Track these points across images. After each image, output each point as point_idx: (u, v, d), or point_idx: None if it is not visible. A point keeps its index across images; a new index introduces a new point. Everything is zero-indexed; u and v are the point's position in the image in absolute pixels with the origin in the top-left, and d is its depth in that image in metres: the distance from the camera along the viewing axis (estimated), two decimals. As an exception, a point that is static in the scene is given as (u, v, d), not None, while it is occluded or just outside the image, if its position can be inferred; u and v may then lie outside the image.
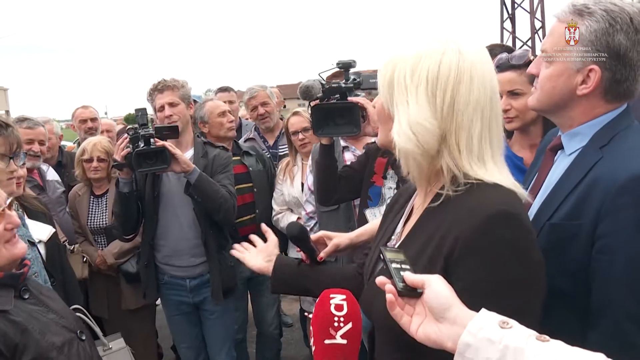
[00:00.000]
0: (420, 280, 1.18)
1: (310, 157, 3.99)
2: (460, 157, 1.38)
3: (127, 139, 3.45)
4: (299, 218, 4.18)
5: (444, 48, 1.39)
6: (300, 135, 4.18)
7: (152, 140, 3.37)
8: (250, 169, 4.39)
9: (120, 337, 3.44)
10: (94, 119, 5.72)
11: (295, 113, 4.27)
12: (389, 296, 1.19)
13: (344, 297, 1.35)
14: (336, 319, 1.30)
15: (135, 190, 3.65)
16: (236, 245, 2.18)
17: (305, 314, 1.64)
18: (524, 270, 1.28)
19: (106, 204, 4.25)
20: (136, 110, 3.58)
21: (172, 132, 3.52)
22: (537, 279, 1.31)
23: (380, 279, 1.25)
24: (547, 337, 1.05)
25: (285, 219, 4.25)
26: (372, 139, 3.71)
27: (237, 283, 4.00)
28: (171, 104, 3.70)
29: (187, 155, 3.63)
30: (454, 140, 1.38)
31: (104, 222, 4.25)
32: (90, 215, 4.26)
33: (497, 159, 1.43)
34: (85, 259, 4.16)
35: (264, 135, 5.15)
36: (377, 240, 1.73)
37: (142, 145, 3.37)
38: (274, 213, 4.33)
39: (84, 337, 2.06)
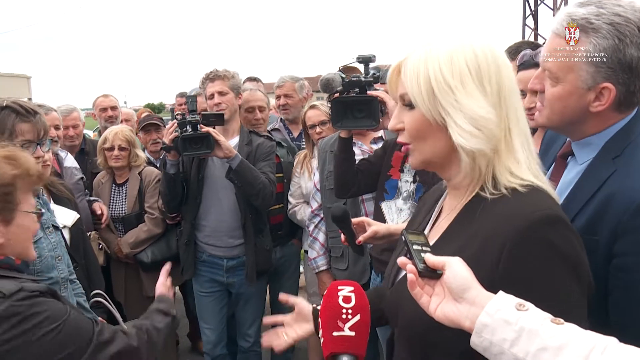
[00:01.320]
0: (440, 262, 1.20)
1: (317, 155, 4.01)
2: (507, 148, 1.36)
3: (176, 124, 3.65)
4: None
5: (469, 40, 1.35)
6: (318, 129, 4.18)
7: (198, 126, 3.59)
8: (282, 160, 4.46)
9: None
10: (114, 108, 5.81)
11: (313, 106, 4.26)
12: (410, 276, 1.21)
13: (351, 288, 1.34)
14: (344, 310, 1.30)
15: (181, 172, 3.86)
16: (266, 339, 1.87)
17: (314, 305, 1.66)
18: (575, 275, 1.26)
19: (126, 193, 4.35)
20: (187, 97, 3.83)
21: (218, 119, 3.73)
22: (586, 282, 1.29)
23: (402, 260, 1.27)
24: (562, 320, 1.07)
25: (302, 212, 4.28)
26: (379, 134, 3.75)
27: (271, 266, 4.16)
28: (221, 93, 3.90)
29: (232, 142, 3.84)
30: (502, 133, 1.35)
31: (123, 211, 4.34)
32: (111, 203, 4.36)
33: (530, 146, 1.40)
34: (101, 245, 4.23)
35: (289, 126, 5.18)
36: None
37: (189, 130, 3.57)
38: (289, 206, 4.36)
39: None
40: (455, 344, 1.23)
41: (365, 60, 3.04)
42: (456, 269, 1.19)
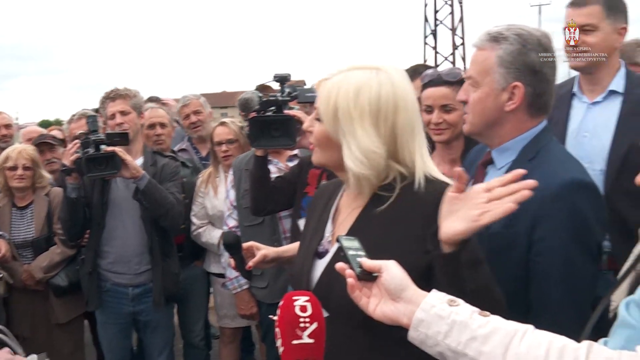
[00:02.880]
0: (377, 265, 1.34)
1: (231, 171, 3.96)
2: (412, 160, 1.65)
3: (78, 144, 3.48)
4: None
5: (379, 79, 1.59)
6: (224, 147, 4.13)
7: (101, 146, 3.41)
8: (185, 180, 4.34)
9: (45, 357, 3.36)
10: (8, 126, 5.43)
11: (222, 123, 4.21)
12: (349, 280, 1.34)
13: (307, 298, 1.41)
14: (302, 319, 1.37)
15: (83, 197, 3.65)
16: None
17: (270, 316, 1.70)
18: None
19: (32, 215, 4.09)
20: (88, 116, 3.63)
21: (122, 138, 3.58)
22: None
23: (340, 265, 1.39)
24: (488, 313, 1.23)
25: (207, 234, 4.22)
26: (295, 152, 3.78)
27: (179, 290, 4.03)
28: (122, 112, 3.77)
29: (137, 163, 3.68)
30: (400, 154, 1.64)
31: (30, 235, 4.08)
32: (12, 228, 4.07)
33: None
34: (1, 275, 3.93)
35: (196, 146, 5.10)
36: (306, 243, 1.86)
37: (92, 150, 3.40)
38: (193, 227, 4.27)
39: None
40: (395, 329, 1.33)
41: (282, 80, 3.10)
42: (392, 271, 1.32)
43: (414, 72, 3.61)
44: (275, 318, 1.43)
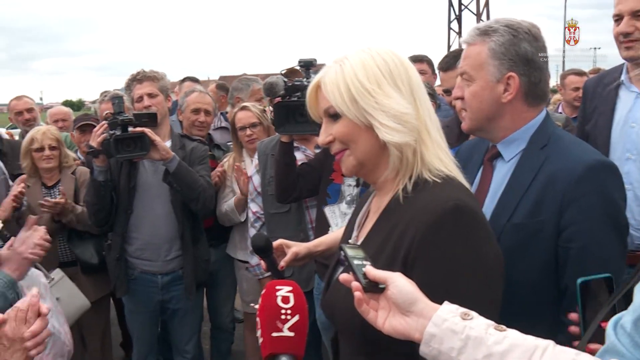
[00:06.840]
0: (382, 277, 1.23)
1: (255, 156, 3.90)
2: (430, 138, 1.49)
3: (105, 125, 3.42)
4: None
5: (375, 49, 1.51)
6: (248, 131, 4.07)
7: (129, 127, 3.35)
8: (218, 163, 4.34)
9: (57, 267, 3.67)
10: (30, 110, 5.49)
11: (244, 107, 4.15)
12: (356, 293, 1.24)
13: (290, 288, 1.35)
14: (283, 311, 1.31)
15: (110, 180, 3.59)
16: None
17: (252, 305, 1.65)
18: (478, 263, 1.37)
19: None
20: (112, 97, 3.58)
21: (150, 119, 3.51)
22: (493, 270, 1.39)
23: (344, 277, 1.29)
24: (504, 327, 1.13)
25: (224, 205, 4.14)
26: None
27: (208, 277, 3.99)
28: (150, 95, 3.68)
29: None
30: (422, 124, 1.49)
31: None
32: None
33: (443, 137, 1.55)
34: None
35: None
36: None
37: (119, 132, 3.34)
38: (218, 212, 4.19)
39: None
40: (396, 344, 1.25)
41: (307, 64, 3.03)
42: (399, 284, 1.22)
43: (456, 56, 3.50)
44: (256, 307, 1.36)
